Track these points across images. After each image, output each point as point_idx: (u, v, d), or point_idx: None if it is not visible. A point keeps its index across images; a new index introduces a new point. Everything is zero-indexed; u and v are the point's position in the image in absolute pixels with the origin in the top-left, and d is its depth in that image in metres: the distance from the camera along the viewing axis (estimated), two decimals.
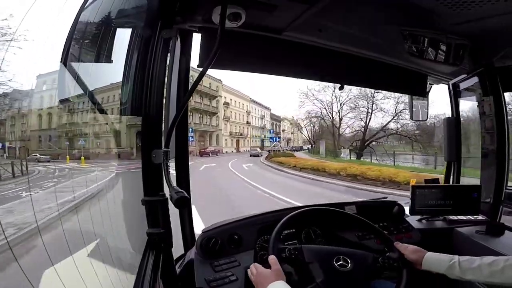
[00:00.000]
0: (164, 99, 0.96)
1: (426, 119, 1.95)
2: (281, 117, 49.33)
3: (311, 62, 1.34)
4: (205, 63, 0.86)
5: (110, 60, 0.85)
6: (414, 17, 1.08)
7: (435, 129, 19.22)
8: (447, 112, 1.84)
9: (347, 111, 25.46)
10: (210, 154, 28.15)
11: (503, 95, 1.54)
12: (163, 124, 0.96)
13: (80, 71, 0.81)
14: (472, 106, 1.72)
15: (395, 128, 23.22)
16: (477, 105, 1.63)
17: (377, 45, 1.29)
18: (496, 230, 1.39)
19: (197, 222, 1.44)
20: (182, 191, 0.79)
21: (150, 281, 0.76)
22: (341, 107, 25.52)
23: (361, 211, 1.40)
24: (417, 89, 1.69)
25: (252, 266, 0.93)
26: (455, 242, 1.46)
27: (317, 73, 1.46)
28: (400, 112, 22.28)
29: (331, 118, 26.27)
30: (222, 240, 1.20)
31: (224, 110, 38.00)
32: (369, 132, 24.70)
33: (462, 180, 1.77)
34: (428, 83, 1.69)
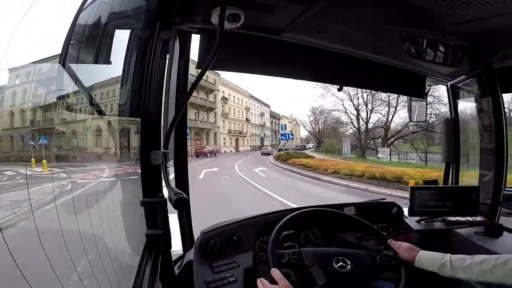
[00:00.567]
0: (163, 100, 0.96)
1: (425, 120, 1.96)
2: (280, 115, 48.32)
3: (310, 63, 1.34)
4: (204, 64, 0.86)
5: (109, 61, 0.85)
6: (413, 18, 1.08)
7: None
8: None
9: (376, 104, 22.28)
10: (208, 155, 25.35)
11: (502, 96, 1.54)
12: (162, 126, 0.96)
13: (79, 72, 0.81)
14: (471, 107, 1.72)
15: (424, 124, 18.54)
16: (476, 106, 1.64)
17: (376, 46, 1.30)
18: (495, 231, 1.39)
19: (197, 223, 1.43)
20: (181, 192, 0.79)
21: (149, 283, 0.76)
22: (372, 98, 22.10)
23: (360, 212, 1.40)
24: (416, 90, 1.69)
25: (259, 283, 0.89)
26: (454, 243, 1.46)
27: (316, 74, 1.46)
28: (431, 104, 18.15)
29: (357, 111, 23.20)
30: (221, 241, 1.19)
31: (222, 106, 35.03)
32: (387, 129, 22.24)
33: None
34: (427, 84, 1.70)
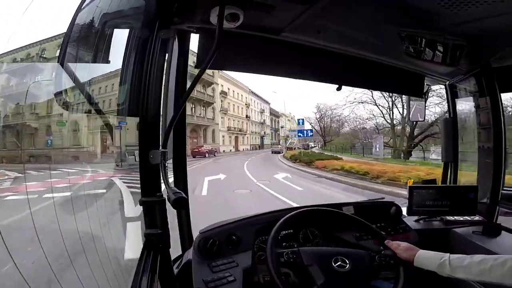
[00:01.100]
0: (162, 100, 0.96)
1: (424, 120, 1.97)
2: (280, 113, 47.51)
3: (309, 63, 1.34)
4: (203, 64, 0.86)
5: (108, 61, 0.85)
6: (412, 18, 1.08)
7: None
8: None
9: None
10: (207, 155, 22.13)
11: (500, 96, 1.54)
12: (161, 125, 0.96)
13: (78, 71, 0.81)
14: (470, 107, 1.73)
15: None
16: (474, 106, 1.64)
17: (375, 46, 1.30)
18: (493, 231, 1.40)
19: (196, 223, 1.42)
20: (180, 192, 0.79)
21: (148, 282, 0.76)
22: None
23: (359, 212, 1.40)
24: (415, 90, 1.69)
25: None
26: (452, 243, 1.46)
27: (315, 74, 1.46)
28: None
29: (390, 105, 21.06)
30: (220, 241, 1.20)
31: (221, 101, 32.06)
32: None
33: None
34: (425, 84, 1.70)
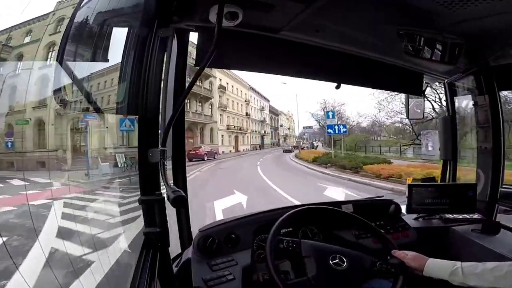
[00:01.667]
0: (161, 98, 0.96)
1: (422, 118, 1.97)
2: (279, 111, 47.04)
3: (308, 61, 1.34)
4: (202, 62, 0.86)
5: (107, 59, 0.85)
6: (411, 17, 1.09)
7: None
8: None
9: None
10: (206, 157, 18.35)
11: (499, 94, 1.55)
12: (160, 123, 0.96)
13: (77, 70, 0.81)
14: (468, 105, 1.73)
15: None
16: (473, 104, 1.65)
17: (374, 45, 1.30)
18: (492, 229, 1.40)
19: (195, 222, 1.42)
20: (179, 190, 0.79)
21: (147, 281, 0.76)
22: None
23: (358, 210, 1.40)
24: (413, 88, 1.70)
25: None
26: (451, 241, 1.47)
27: (314, 72, 1.46)
28: None
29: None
30: (219, 239, 1.20)
31: (220, 96, 28.93)
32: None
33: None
34: (424, 82, 1.71)
